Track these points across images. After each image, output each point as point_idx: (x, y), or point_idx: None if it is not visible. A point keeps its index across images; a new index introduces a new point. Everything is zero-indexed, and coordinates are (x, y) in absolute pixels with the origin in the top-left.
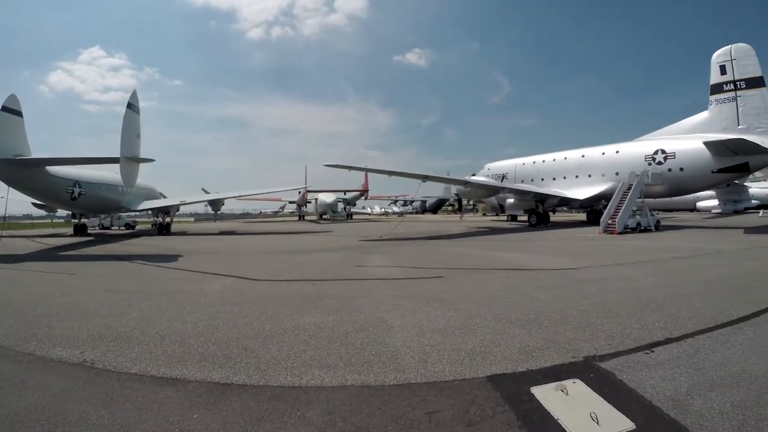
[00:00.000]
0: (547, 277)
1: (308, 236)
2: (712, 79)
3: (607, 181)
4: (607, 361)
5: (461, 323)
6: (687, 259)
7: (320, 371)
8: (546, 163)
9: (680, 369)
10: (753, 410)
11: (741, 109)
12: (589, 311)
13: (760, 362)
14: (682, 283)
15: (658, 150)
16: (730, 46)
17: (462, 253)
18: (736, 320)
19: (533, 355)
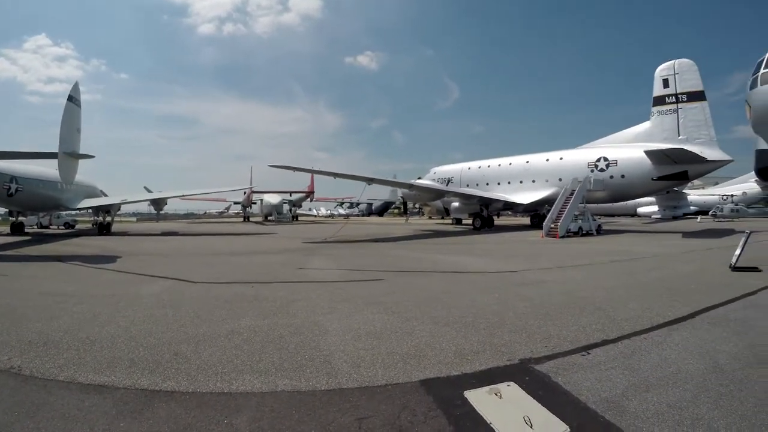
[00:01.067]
0: (487, 280)
1: (252, 238)
2: (655, 91)
3: (550, 187)
4: (543, 363)
5: (398, 326)
6: (626, 263)
7: (251, 376)
8: (491, 168)
9: (616, 370)
10: (689, 410)
11: (682, 121)
12: (526, 314)
13: (695, 362)
14: (620, 286)
15: (600, 157)
16: (674, 61)
17: (405, 255)
18: (671, 321)
19: (468, 359)
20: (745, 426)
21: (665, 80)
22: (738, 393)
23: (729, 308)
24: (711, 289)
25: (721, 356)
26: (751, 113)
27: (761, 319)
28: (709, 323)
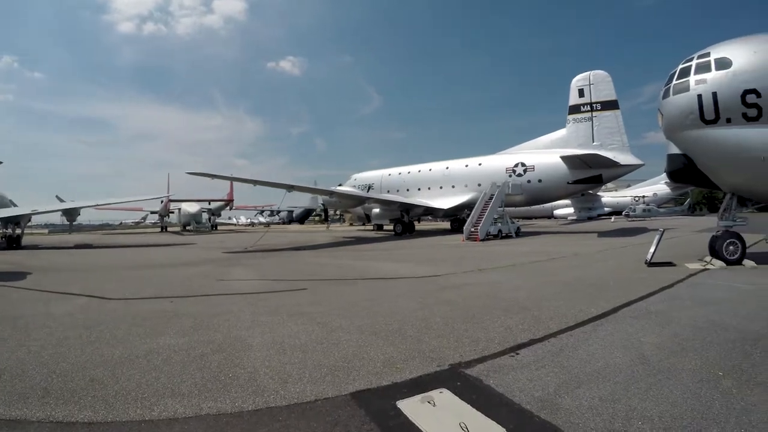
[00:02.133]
0: (411, 285)
1: (170, 249)
2: (571, 100)
3: (470, 192)
4: (473, 367)
5: (324, 337)
6: (546, 262)
7: (173, 400)
8: (412, 174)
9: (546, 369)
10: (621, 402)
11: (596, 128)
12: (453, 317)
13: (622, 355)
14: (542, 285)
15: (518, 163)
16: (589, 72)
17: (328, 263)
18: (596, 317)
19: (398, 367)
20: (676, 412)
21: (581, 90)
22: (666, 381)
23: (649, 301)
24: (630, 284)
25: (646, 347)
26: (663, 120)
27: (680, 309)
28: (631, 317)
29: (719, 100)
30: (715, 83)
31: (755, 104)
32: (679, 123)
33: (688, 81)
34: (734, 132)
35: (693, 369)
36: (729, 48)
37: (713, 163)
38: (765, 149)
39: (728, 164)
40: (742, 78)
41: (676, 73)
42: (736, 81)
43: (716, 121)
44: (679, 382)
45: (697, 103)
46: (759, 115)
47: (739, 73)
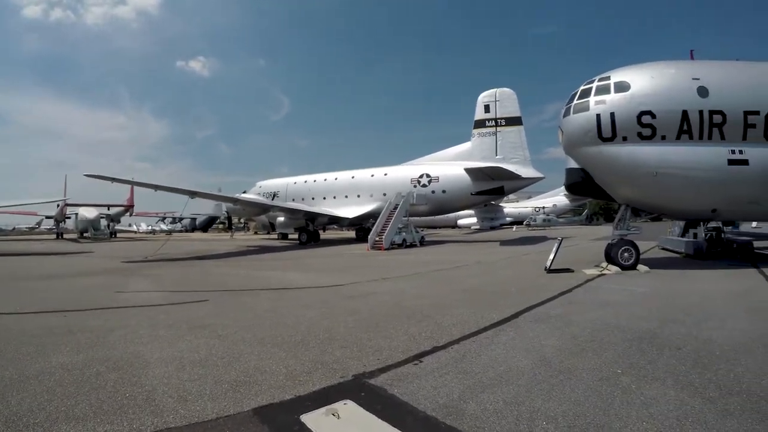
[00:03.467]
0: (315, 295)
1: (65, 258)
2: (477, 115)
3: (375, 201)
4: (377, 376)
5: (225, 351)
6: (449, 270)
7: (67, 425)
8: (317, 183)
9: (450, 376)
10: (525, 404)
11: (500, 142)
12: (356, 327)
13: (524, 359)
14: (445, 293)
15: (423, 174)
16: (496, 89)
17: (231, 273)
18: (497, 323)
19: (301, 380)
20: (579, 410)
21: (486, 106)
22: (568, 381)
23: (549, 306)
24: (531, 290)
25: (547, 350)
26: (563, 137)
27: (578, 313)
28: (532, 321)
29: (617, 120)
30: (614, 104)
31: (650, 124)
32: (578, 140)
33: (588, 101)
34: (629, 149)
35: (593, 368)
36: (628, 73)
37: (609, 178)
38: (657, 165)
39: (623, 178)
40: (639, 100)
41: (577, 94)
42: (634, 103)
43: (613, 138)
44: (581, 382)
45: (595, 121)
46: (653, 134)
47: (636, 95)
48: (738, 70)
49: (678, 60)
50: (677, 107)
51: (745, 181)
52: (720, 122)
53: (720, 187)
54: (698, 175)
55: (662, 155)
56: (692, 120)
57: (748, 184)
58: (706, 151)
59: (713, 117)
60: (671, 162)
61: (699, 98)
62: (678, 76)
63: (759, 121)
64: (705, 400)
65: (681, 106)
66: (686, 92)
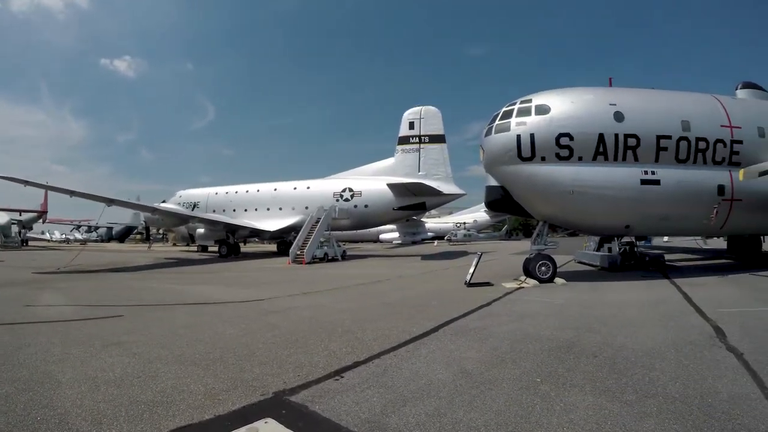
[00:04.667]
0: (234, 310)
1: None
2: (401, 131)
3: (297, 215)
4: (298, 393)
5: (140, 370)
6: (370, 285)
7: None
8: (239, 194)
9: (371, 390)
10: (447, 416)
11: (423, 159)
12: (276, 343)
13: (444, 371)
14: (366, 307)
15: (346, 188)
16: (421, 107)
17: (147, 287)
18: (418, 336)
19: (220, 399)
20: (501, 419)
21: (411, 123)
22: (489, 392)
23: (468, 319)
24: (451, 304)
25: (467, 362)
26: (484, 156)
27: (498, 325)
28: (452, 334)
29: (536, 141)
30: (534, 126)
31: (567, 146)
32: (498, 158)
33: (510, 122)
34: (547, 168)
35: (513, 378)
36: (549, 96)
37: (527, 195)
38: (573, 184)
39: (541, 196)
40: (558, 123)
41: (499, 115)
42: (553, 125)
43: (532, 158)
44: (501, 392)
45: (515, 142)
46: (570, 155)
47: (556, 118)
48: (652, 97)
49: (597, 87)
50: (594, 130)
51: (656, 200)
52: (634, 145)
53: (633, 204)
54: (613, 194)
55: (578, 175)
56: (608, 142)
57: (659, 202)
58: (621, 171)
59: (628, 140)
60: (587, 181)
61: (615, 122)
62: (596, 102)
63: (671, 145)
64: (623, 403)
65: (598, 129)
66: (603, 117)
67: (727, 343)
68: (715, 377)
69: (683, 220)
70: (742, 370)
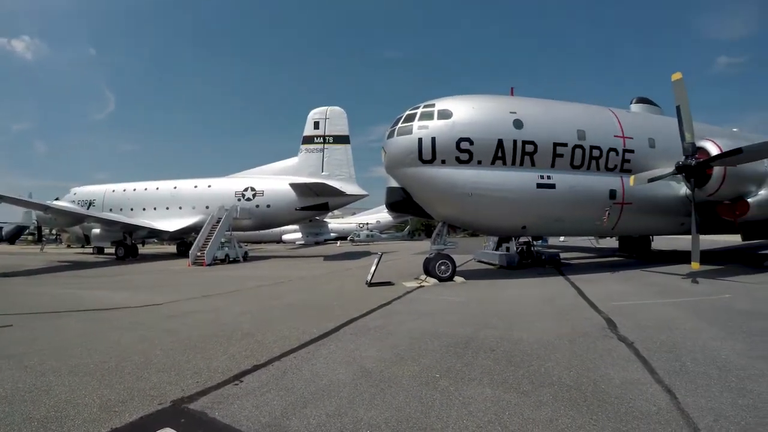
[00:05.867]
0: (131, 315)
1: None
2: (306, 131)
3: (197, 214)
4: (197, 400)
5: (33, 384)
6: (272, 287)
7: None
8: (137, 192)
9: (272, 393)
10: (348, 415)
11: (326, 159)
12: (174, 349)
13: (345, 371)
14: (267, 309)
15: (248, 187)
16: (327, 107)
17: (39, 292)
18: (319, 337)
19: (116, 410)
20: (401, 416)
21: (316, 122)
22: (389, 389)
23: (369, 318)
24: (352, 304)
25: (367, 361)
26: (386, 157)
27: (398, 323)
28: (352, 334)
29: (437, 144)
30: (436, 130)
31: (468, 150)
32: (400, 160)
33: (412, 125)
34: (447, 171)
35: (413, 375)
36: (452, 102)
37: (427, 197)
38: (472, 187)
39: (440, 198)
40: (460, 128)
41: (402, 118)
42: (455, 130)
43: (433, 161)
44: (401, 389)
45: (417, 144)
46: (470, 159)
47: (457, 123)
48: (551, 107)
49: (499, 95)
50: (494, 136)
51: (551, 202)
52: (532, 151)
53: (529, 207)
54: (510, 197)
55: (477, 178)
56: (507, 148)
57: (554, 204)
58: (518, 175)
59: (526, 146)
60: (485, 184)
61: (514, 129)
62: (497, 109)
63: (566, 152)
64: (520, 393)
65: (497, 135)
66: (503, 123)
67: (618, 334)
68: (608, 365)
69: (577, 221)
70: (633, 357)
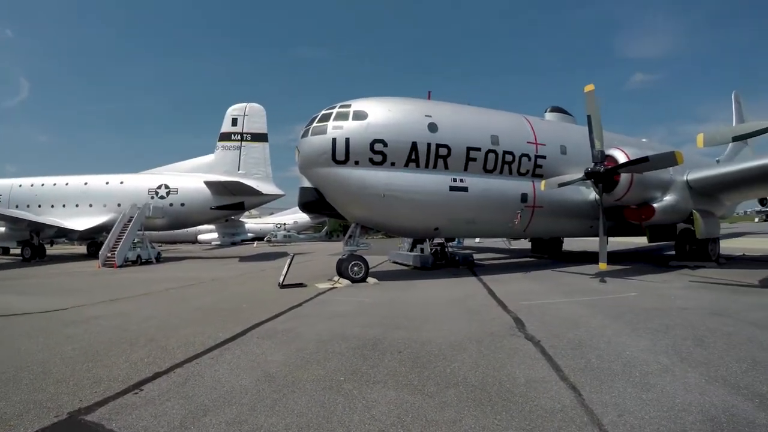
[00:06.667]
0: (33, 322)
1: None
2: (224, 128)
3: (108, 212)
4: (95, 411)
5: None
6: (183, 289)
7: None
8: (46, 187)
9: (172, 402)
10: (248, 423)
11: (243, 157)
12: (74, 358)
13: (248, 377)
14: (175, 313)
15: (162, 184)
16: (246, 104)
17: None
18: (224, 342)
19: (11, 425)
20: (303, 422)
21: (235, 119)
22: (292, 395)
23: (277, 321)
24: (262, 306)
25: (271, 366)
26: (300, 157)
27: (306, 326)
28: (258, 337)
29: (351, 145)
30: (350, 131)
31: (381, 152)
32: (313, 160)
33: (327, 125)
34: (360, 172)
35: (317, 379)
36: (367, 104)
37: (340, 198)
38: (385, 188)
39: (353, 199)
40: (374, 129)
41: (317, 117)
42: (369, 131)
43: (346, 162)
44: (304, 394)
45: (331, 145)
46: (383, 160)
47: (372, 125)
48: (466, 112)
49: (416, 98)
50: (408, 138)
51: (463, 205)
52: (445, 154)
53: (442, 209)
54: (422, 198)
55: (390, 179)
56: (420, 151)
57: (466, 207)
58: (431, 178)
59: (440, 149)
60: (398, 186)
61: (429, 132)
62: (412, 112)
63: (480, 156)
64: (424, 395)
65: (411, 138)
66: (418, 126)
67: (525, 333)
68: (513, 364)
69: (489, 223)
70: (539, 355)
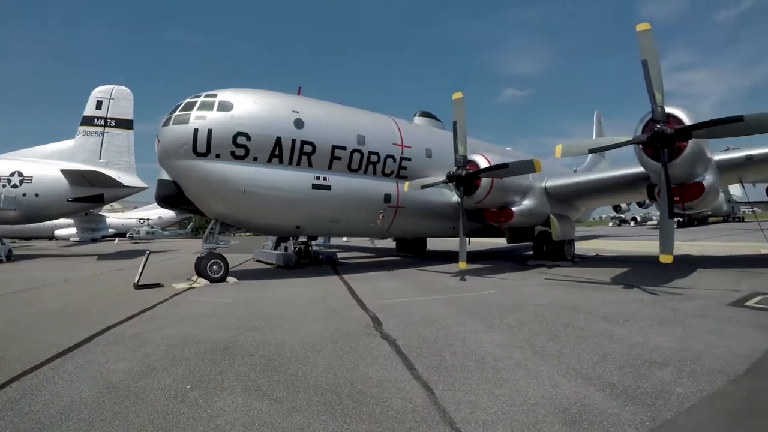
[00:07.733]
0: None
1: None
2: (87, 111)
3: None
4: None
5: None
6: (30, 291)
7: None
8: None
9: (5, 421)
10: None
11: (105, 145)
12: None
13: (89, 388)
14: (18, 319)
15: (15, 172)
16: (113, 86)
17: None
18: (67, 350)
19: None
20: None
21: (99, 102)
22: (134, 406)
23: (127, 325)
24: (113, 309)
25: (115, 375)
26: (159, 147)
27: (157, 329)
28: (105, 344)
29: (213, 137)
30: (214, 122)
31: (244, 145)
32: (173, 152)
33: (190, 115)
34: (220, 166)
35: (161, 388)
36: (235, 94)
37: (200, 192)
38: (246, 184)
39: (213, 194)
40: (238, 122)
41: (180, 106)
42: (233, 123)
43: (207, 154)
44: (147, 404)
45: (192, 135)
46: (246, 154)
47: (237, 117)
48: (335, 110)
49: (285, 93)
50: (273, 133)
51: (326, 203)
52: (310, 152)
53: (304, 206)
54: (284, 195)
55: (252, 175)
56: (285, 146)
57: (329, 205)
58: (294, 174)
59: (304, 146)
60: (260, 182)
61: (295, 128)
62: (279, 106)
63: (345, 155)
64: (272, 401)
65: (276, 132)
66: (284, 121)
67: (382, 332)
68: (367, 364)
69: (352, 222)
70: (393, 355)
